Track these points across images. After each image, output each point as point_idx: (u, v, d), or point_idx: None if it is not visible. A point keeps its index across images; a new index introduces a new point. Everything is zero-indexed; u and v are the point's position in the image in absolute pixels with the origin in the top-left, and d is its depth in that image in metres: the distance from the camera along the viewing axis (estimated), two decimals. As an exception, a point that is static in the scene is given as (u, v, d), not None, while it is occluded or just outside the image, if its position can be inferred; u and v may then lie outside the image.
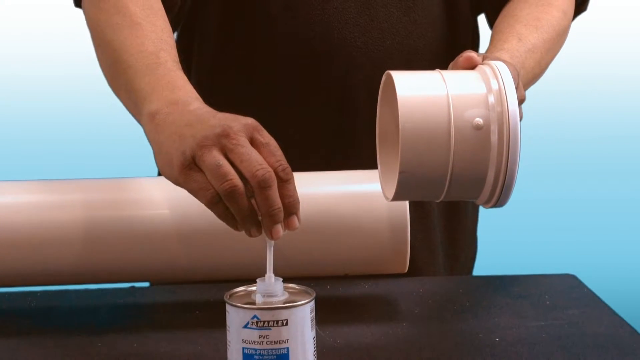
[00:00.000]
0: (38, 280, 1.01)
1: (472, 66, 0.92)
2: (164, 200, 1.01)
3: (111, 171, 1.04)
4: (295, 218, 0.84)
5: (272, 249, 0.85)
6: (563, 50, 1.18)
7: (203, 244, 1.00)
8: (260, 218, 0.84)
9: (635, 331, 0.96)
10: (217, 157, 0.83)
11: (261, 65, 1.18)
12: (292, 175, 0.84)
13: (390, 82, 0.89)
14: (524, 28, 1.10)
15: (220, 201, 0.83)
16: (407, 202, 1.02)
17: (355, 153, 1.18)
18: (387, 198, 0.92)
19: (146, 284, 1.15)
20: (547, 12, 1.14)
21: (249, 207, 0.83)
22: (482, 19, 1.28)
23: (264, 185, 0.82)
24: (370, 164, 1.00)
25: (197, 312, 1.03)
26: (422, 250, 1.22)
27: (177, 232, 0.99)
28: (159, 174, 1.29)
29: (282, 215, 0.83)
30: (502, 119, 0.86)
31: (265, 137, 0.85)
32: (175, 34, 1.26)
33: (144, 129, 0.91)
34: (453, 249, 1.28)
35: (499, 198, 0.88)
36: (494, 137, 0.86)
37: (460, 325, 0.99)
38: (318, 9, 1.16)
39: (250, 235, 0.85)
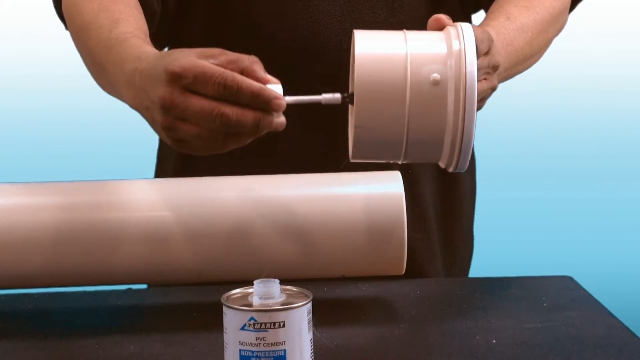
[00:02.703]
0: (35, 282, 1.01)
1: (440, 27, 0.92)
2: (162, 202, 1.01)
3: (111, 172, 1.04)
4: (267, 92, 0.86)
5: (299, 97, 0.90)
6: (561, 49, 1.17)
7: (200, 246, 1.00)
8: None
9: (632, 333, 0.96)
10: (185, 129, 0.84)
11: None
12: (231, 77, 0.84)
13: (354, 41, 0.90)
14: (514, 8, 1.10)
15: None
16: (404, 204, 1.01)
17: (346, 155, 1.17)
18: (350, 158, 0.92)
19: (143, 286, 1.15)
20: None
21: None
22: (476, 20, 1.28)
23: (228, 123, 0.83)
24: (363, 166, 1.00)
25: (194, 314, 1.03)
26: (422, 252, 1.22)
27: (175, 234, 0.99)
28: (155, 176, 1.30)
29: (263, 119, 0.85)
30: (460, 77, 0.86)
31: (188, 75, 0.84)
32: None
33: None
34: (451, 248, 1.28)
35: (459, 160, 0.88)
36: (451, 95, 0.86)
37: (457, 327, 0.99)
38: (303, 14, 1.16)
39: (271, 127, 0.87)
